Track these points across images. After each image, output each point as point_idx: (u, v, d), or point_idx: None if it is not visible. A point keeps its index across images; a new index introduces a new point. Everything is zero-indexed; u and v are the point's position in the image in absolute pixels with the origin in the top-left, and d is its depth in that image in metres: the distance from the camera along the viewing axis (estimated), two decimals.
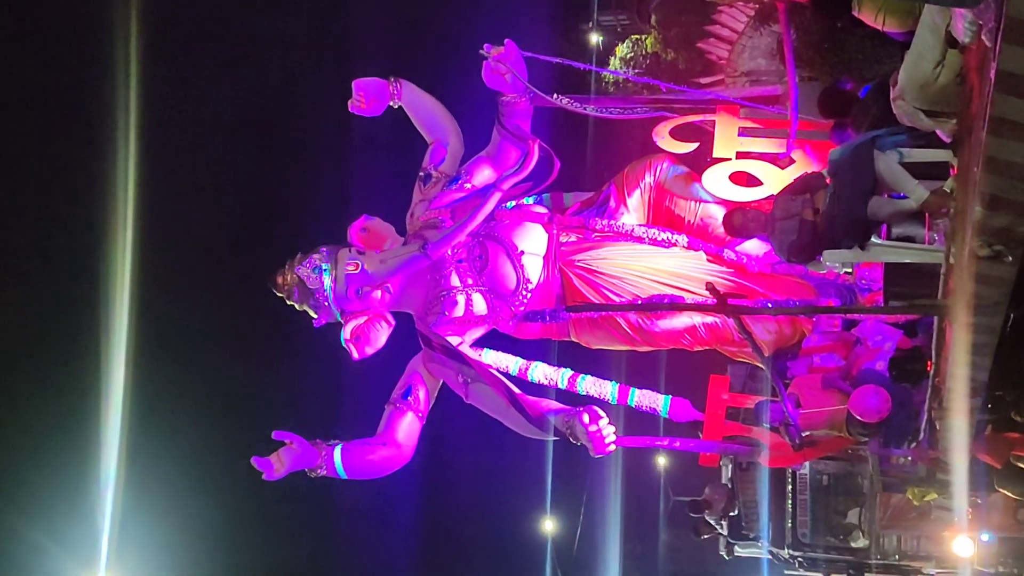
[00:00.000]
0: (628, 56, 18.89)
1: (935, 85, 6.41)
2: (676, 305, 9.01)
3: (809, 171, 9.25)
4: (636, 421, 10.69)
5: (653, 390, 10.00)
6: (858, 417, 8.63)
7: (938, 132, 7.00)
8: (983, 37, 5.23)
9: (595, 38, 20.59)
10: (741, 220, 8.70)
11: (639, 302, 9.46)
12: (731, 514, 15.51)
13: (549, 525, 27.47)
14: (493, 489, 25.66)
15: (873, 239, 7.60)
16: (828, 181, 7.75)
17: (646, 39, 19.16)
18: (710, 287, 6.71)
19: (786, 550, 14.36)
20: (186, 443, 17.48)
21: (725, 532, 15.87)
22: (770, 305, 9.35)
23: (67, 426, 16.60)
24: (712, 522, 15.89)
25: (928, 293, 7.37)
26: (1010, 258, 5.52)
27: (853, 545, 14.00)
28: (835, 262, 9.02)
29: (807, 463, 12.96)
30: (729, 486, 15.62)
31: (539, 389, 10.09)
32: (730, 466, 15.38)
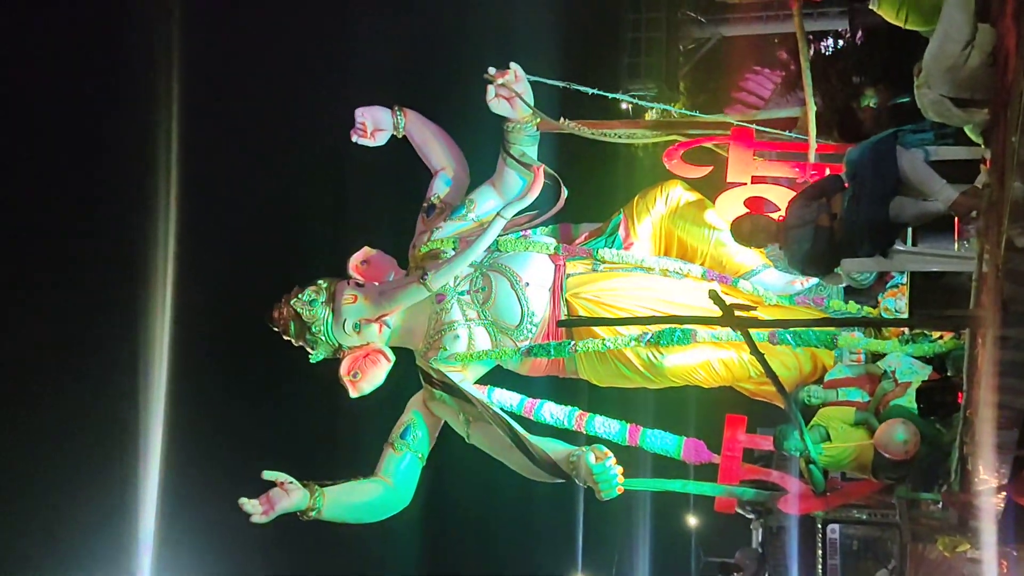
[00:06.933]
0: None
1: (964, 68, 5.89)
2: (677, 318, 8.49)
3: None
4: (654, 464, 10.15)
5: (666, 430, 9.42)
6: (885, 454, 8.01)
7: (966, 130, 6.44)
8: None
9: (624, 106, 20.72)
10: (750, 228, 8.11)
11: (638, 317, 8.94)
12: None
13: None
14: (523, 546, 25.34)
15: (897, 245, 6.99)
16: (846, 184, 7.17)
17: (674, 105, 19.20)
18: (713, 295, 6.05)
19: None
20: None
21: None
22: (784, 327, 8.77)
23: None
24: None
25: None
26: None
27: None
28: (854, 271, 8.33)
29: (837, 528, 12.96)
30: (759, 550, 15.59)
31: (545, 429, 9.56)
32: (760, 530, 15.38)
